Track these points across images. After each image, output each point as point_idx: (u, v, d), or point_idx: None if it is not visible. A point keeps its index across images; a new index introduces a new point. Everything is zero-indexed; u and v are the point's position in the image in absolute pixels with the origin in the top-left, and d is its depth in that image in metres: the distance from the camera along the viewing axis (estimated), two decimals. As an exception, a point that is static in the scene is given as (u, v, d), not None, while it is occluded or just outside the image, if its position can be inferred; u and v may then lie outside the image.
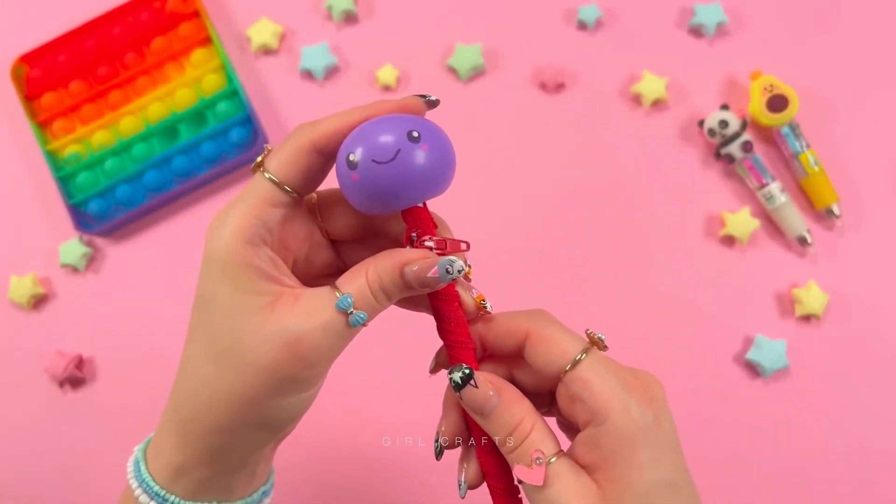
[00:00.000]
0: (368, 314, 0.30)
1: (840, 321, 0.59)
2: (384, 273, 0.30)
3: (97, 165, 0.64)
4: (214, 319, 0.30)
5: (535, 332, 0.32)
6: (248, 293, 0.30)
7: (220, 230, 0.30)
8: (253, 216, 0.30)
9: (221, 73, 0.65)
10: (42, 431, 0.61)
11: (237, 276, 0.30)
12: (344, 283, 0.30)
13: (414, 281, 0.30)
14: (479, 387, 0.31)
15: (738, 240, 0.60)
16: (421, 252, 0.31)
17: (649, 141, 0.63)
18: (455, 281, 0.31)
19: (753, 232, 0.60)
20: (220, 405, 0.30)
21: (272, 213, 0.30)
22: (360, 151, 0.29)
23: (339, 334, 0.30)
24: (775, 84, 0.60)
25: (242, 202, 0.30)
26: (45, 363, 0.61)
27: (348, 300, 0.29)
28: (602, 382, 0.30)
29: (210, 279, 0.30)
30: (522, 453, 0.30)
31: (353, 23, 0.66)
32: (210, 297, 0.30)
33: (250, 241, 0.30)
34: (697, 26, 0.64)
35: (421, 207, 0.31)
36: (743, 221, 0.59)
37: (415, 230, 0.31)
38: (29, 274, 0.63)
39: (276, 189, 0.30)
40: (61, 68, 0.65)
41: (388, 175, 0.28)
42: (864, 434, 0.57)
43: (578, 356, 0.31)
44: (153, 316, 0.62)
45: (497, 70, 0.64)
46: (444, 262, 0.30)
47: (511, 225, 0.62)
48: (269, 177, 0.30)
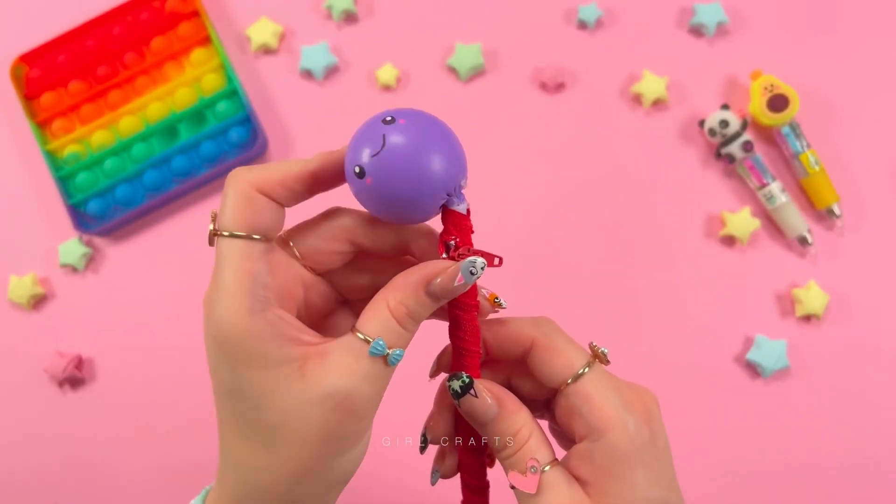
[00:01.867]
0: (404, 346, 0.29)
1: (840, 321, 0.59)
2: (406, 298, 0.29)
3: (97, 165, 0.64)
4: (249, 405, 0.29)
5: (540, 342, 0.32)
6: (273, 367, 0.28)
7: (217, 311, 0.28)
8: (241, 281, 0.28)
9: (221, 73, 0.65)
10: (42, 431, 0.61)
11: (255, 354, 0.28)
12: (367, 324, 0.29)
13: (441, 293, 0.30)
14: (478, 396, 0.31)
15: (739, 240, 0.60)
16: (440, 263, 0.30)
17: (649, 141, 0.63)
18: (477, 289, 0.31)
19: (754, 232, 0.60)
20: (283, 486, 0.29)
21: (258, 268, 0.29)
22: (362, 153, 0.28)
23: (381, 377, 0.29)
24: (776, 84, 0.60)
25: (224, 273, 0.28)
26: (44, 363, 0.61)
27: (381, 344, 0.29)
28: (603, 399, 0.30)
29: (227, 366, 0.29)
30: (518, 460, 0.31)
31: (353, 22, 0.66)
32: (235, 385, 0.29)
33: (252, 309, 0.28)
34: (697, 26, 0.64)
35: (463, 215, 0.30)
36: (743, 221, 0.59)
37: (454, 237, 0.30)
38: (29, 274, 0.63)
39: (246, 243, 0.29)
40: (61, 68, 0.65)
41: (392, 160, 0.28)
42: (864, 434, 0.57)
43: (582, 370, 0.31)
44: (153, 316, 0.62)
45: (497, 70, 0.64)
46: (466, 266, 0.30)
47: (510, 224, 0.62)
48: (229, 234, 0.29)
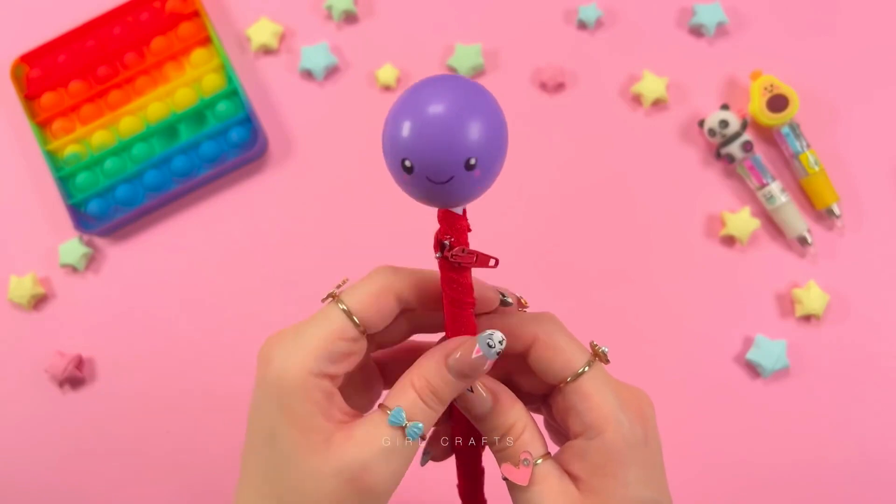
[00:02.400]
0: (424, 423, 0.29)
1: (840, 321, 0.59)
2: (429, 374, 0.30)
3: (97, 165, 0.64)
4: (276, 460, 0.29)
5: (542, 339, 0.32)
6: (307, 431, 0.29)
7: (290, 355, 0.29)
8: (323, 347, 0.29)
9: (221, 73, 0.65)
10: (42, 431, 0.61)
11: (299, 412, 0.29)
12: (391, 399, 0.30)
13: (461, 369, 0.30)
14: (474, 391, 0.31)
15: (738, 240, 0.60)
16: (457, 340, 0.30)
17: (649, 141, 0.63)
18: (473, 286, 0.31)
19: (753, 232, 0.60)
20: None
21: (341, 347, 0.30)
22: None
23: (399, 454, 0.29)
24: (775, 84, 0.60)
25: (315, 329, 0.30)
26: (45, 363, 0.61)
27: (400, 413, 0.29)
28: (601, 399, 0.30)
29: (271, 410, 0.29)
30: (512, 453, 0.31)
31: (353, 22, 0.66)
32: (271, 434, 0.29)
33: (316, 373, 0.29)
34: (697, 26, 0.64)
35: (459, 214, 0.29)
36: (743, 221, 0.59)
37: (448, 237, 0.29)
38: (29, 274, 0.63)
39: (350, 324, 0.30)
40: (61, 68, 0.65)
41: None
42: (864, 434, 0.57)
43: (581, 369, 0.31)
44: (153, 316, 0.62)
45: (497, 70, 0.64)
46: (483, 339, 0.29)
47: (510, 224, 0.62)
48: (345, 309, 0.30)
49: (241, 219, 0.64)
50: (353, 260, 0.62)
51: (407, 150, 0.26)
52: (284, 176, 0.64)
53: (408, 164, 0.26)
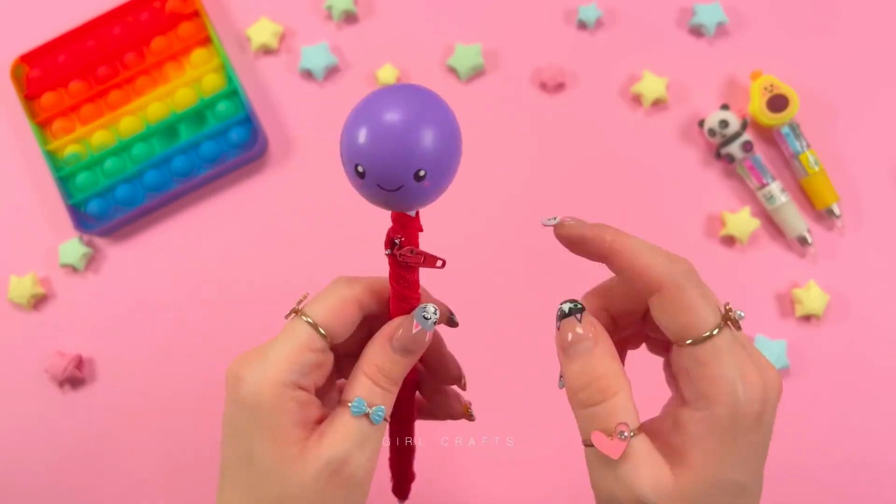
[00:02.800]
0: (385, 405, 0.31)
1: (840, 321, 0.59)
2: (377, 358, 0.31)
3: (97, 165, 0.64)
4: (256, 476, 0.30)
5: (669, 288, 0.29)
6: (284, 444, 0.30)
7: (262, 372, 0.30)
8: (293, 361, 0.30)
9: (221, 73, 0.65)
10: (42, 431, 0.61)
11: (275, 425, 0.30)
12: (348, 391, 0.31)
13: (405, 345, 0.31)
14: (582, 322, 0.29)
15: (738, 240, 0.60)
16: (394, 321, 0.32)
17: (649, 141, 0.63)
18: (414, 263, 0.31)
19: (753, 232, 0.60)
20: None
21: (309, 358, 0.31)
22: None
23: (369, 438, 0.30)
24: (775, 84, 0.60)
25: (282, 345, 0.31)
26: (45, 363, 0.61)
27: (361, 402, 0.30)
28: (720, 370, 0.28)
29: (246, 428, 0.30)
30: (600, 414, 0.28)
31: (353, 23, 0.66)
32: (247, 452, 0.30)
33: (289, 384, 0.30)
34: (697, 26, 0.64)
35: (412, 216, 0.30)
36: (743, 221, 0.59)
37: (399, 236, 0.30)
38: (29, 274, 0.63)
39: (316, 335, 0.31)
40: (61, 68, 0.65)
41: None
42: (864, 434, 0.57)
43: (708, 332, 0.28)
44: (153, 316, 0.62)
45: (497, 70, 0.64)
46: (418, 313, 0.31)
47: (510, 224, 0.62)
48: (309, 321, 0.31)
49: (241, 219, 0.64)
50: (352, 259, 0.62)
51: (359, 156, 0.27)
52: (284, 176, 0.64)
53: (360, 170, 0.27)
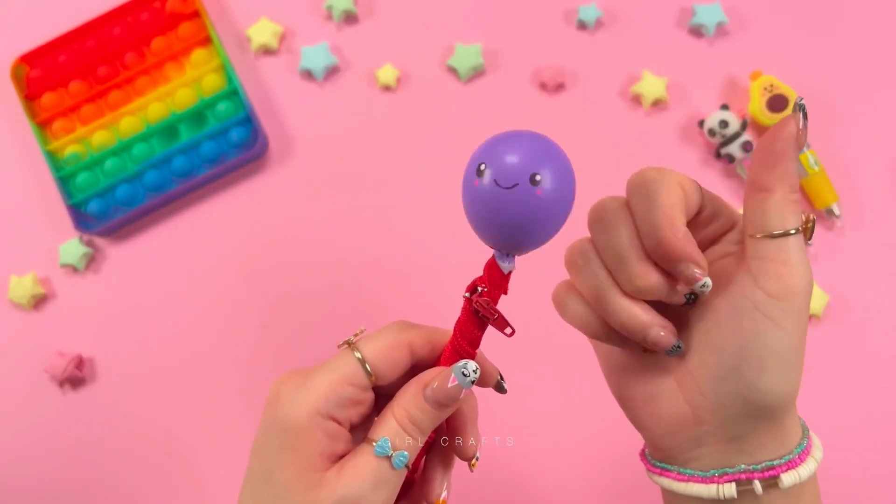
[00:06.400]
0: (409, 452, 0.30)
1: (840, 321, 0.59)
2: (408, 405, 0.31)
3: (97, 165, 0.64)
4: (270, 495, 0.30)
5: (761, 185, 0.31)
6: (305, 470, 0.30)
7: (298, 395, 0.30)
8: (333, 391, 0.31)
9: (221, 73, 0.65)
10: (42, 431, 0.61)
11: (300, 450, 0.30)
12: (375, 431, 0.31)
13: (438, 398, 0.31)
14: (701, 295, 0.32)
15: (738, 240, 0.60)
16: (433, 371, 0.32)
17: (649, 141, 0.63)
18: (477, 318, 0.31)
19: (753, 232, 0.60)
20: None
21: (349, 392, 0.31)
22: (486, 169, 0.29)
23: (387, 481, 0.30)
24: (775, 84, 0.60)
25: (326, 373, 0.31)
26: (45, 363, 0.61)
27: (385, 443, 0.30)
28: (792, 266, 0.30)
29: (272, 446, 0.30)
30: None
31: (353, 23, 0.66)
32: (270, 468, 0.30)
33: (323, 413, 0.30)
34: (697, 26, 0.64)
35: (504, 274, 0.31)
36: (743, 221, 0.59)
37: (484, 286, 0.31)
38: (29, 274, 0.63)
39: (361, 371, 0.31)
40: (61, 68, 0.65)
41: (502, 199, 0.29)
42: (863, 434, 0.57)
43: (788, 230, 0.30)
44: (153, 316, 0.63)
45: (497, 70, 0.64)
46: (458, 369, 0.31)
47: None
48: (358, 356, 0.31)
49: (241, 219, 0.64)
50: (352, 260, 0.62)
51: (484, 156, 0.29)
52: (284, 176, 0.64)
53: (481, 168, 0.29)
